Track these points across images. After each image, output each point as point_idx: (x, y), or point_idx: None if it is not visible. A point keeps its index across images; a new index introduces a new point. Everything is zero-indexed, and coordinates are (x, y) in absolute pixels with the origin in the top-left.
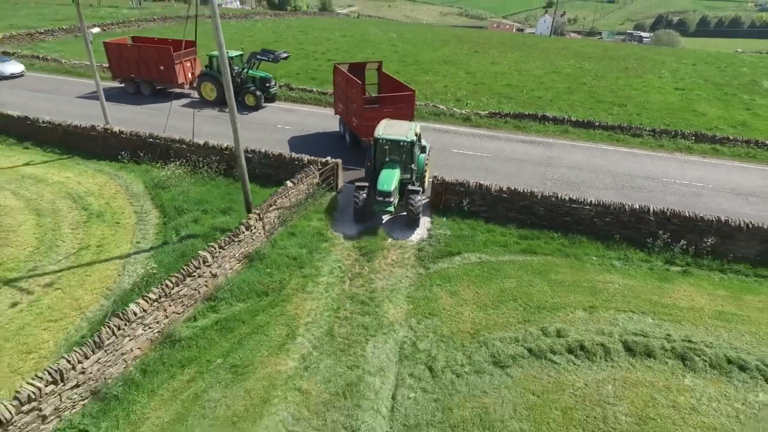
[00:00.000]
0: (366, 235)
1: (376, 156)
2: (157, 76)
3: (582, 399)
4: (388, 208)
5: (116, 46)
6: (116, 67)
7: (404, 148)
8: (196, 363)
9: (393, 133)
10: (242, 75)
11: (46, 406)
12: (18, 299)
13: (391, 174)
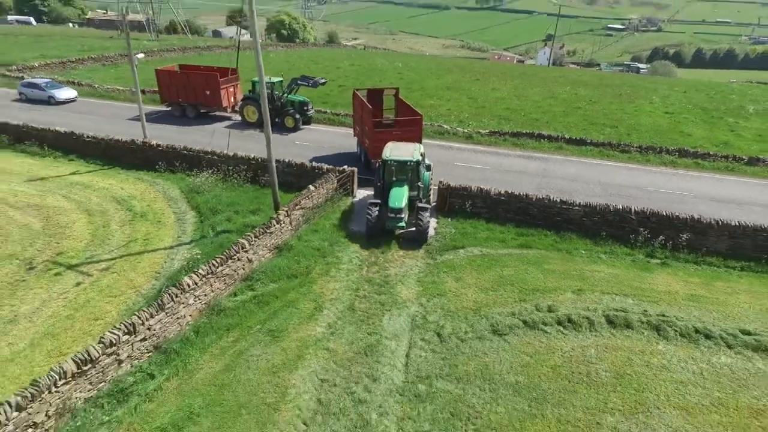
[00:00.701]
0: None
1: (385, 176)
2: (203, 100)
3: (569, 359)
4: (399, 224)
5: (167, 73)
6: (165, 92)
7: (411, 168)
8: (239, 328)
9: (399, 155)
10: (282, 99)
11: (122, 352)
12: (81, 280)
13: (401, 192)
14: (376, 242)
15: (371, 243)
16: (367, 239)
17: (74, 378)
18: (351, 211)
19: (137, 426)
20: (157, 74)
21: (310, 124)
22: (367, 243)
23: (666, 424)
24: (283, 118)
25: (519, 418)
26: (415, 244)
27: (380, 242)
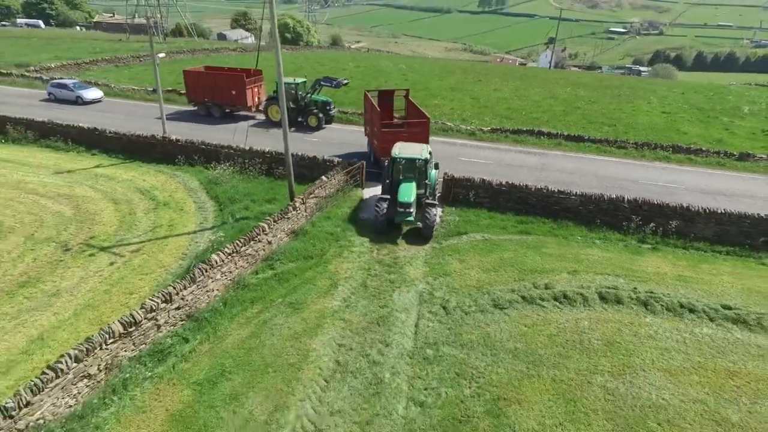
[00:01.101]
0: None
1: (393, 173)
2: (229, 99)
3: (563, 329)
4: (408, 218)
5: (194, 74)
6: (192, 92)
7: (419, 166)
8: (262, 301)
9: (408, 153)
10: (306, 99)
11: (160, 318)
12: (114, 260)
13: (410, 187)
14: (384, 237)
15: (380, 237)
16: (376, 234)
17: (121, 338)
18: (361, 200)
19: (176, 381)
20: (184, 75)
21: (332, 123)
22: (376, 237)
23: (650, 384)
24: (306, 117)
25: (517, 377)
26: (421, 240)
27: (388, 237)
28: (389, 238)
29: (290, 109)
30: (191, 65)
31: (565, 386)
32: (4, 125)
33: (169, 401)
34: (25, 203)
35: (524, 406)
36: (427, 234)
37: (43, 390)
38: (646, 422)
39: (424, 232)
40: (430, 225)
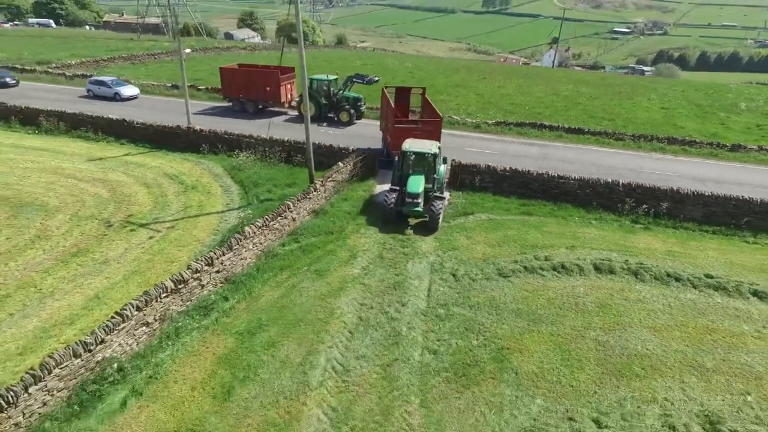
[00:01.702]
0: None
1: (403, 167)
2: (263, 95)
3: (561, 294)
4: (416, 209)
5: (230, 71)
6: (227, 88)
7: (428, 160)
8: (290, 268)
9: (418, 147)
10: (337, 95)
11: (204, 279)
12: (152, 235)
13: (418, 179)
14: (392, 228)
15: (388, 228)
16: (384, 223)
17: (172, 293)
18: (374, 185)
19: (220, 331)
20: (220, 72)
21: (362, 118)
22: (385, 227)
23: (637, 338)
24: (338, 113)
25: (519, 332)
26: (427, 231)
27: (395, 227)
28: (397, 228)
29: (323, 105)
30: (204, 64)
31: (561, 339)
32: (37, 117)
33: (216, 347)
34: (66, 186)
35: (525, 354)
36: (433, 225)
37: (113, 331)
38: (631, 367)
39: (429, 223)
40: (436, 217)
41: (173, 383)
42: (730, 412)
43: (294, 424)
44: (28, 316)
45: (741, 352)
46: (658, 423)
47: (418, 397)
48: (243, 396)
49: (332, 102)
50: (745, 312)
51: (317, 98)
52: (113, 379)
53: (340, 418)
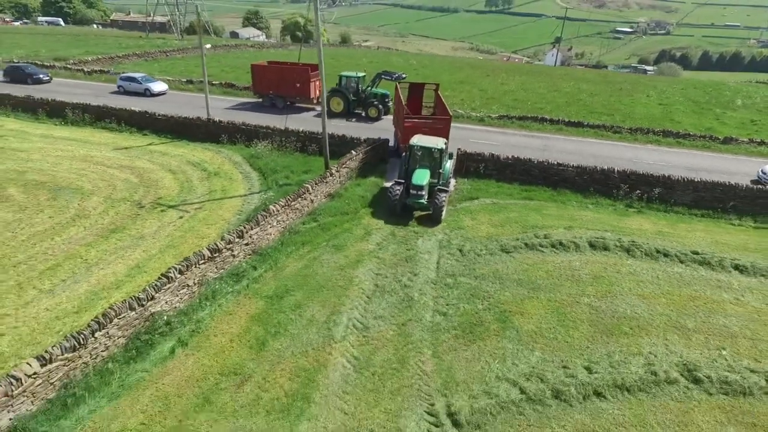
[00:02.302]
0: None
1: (410, 161)
2: (292, 92)
3: (558, 267)
4: (420, 201)
5: (261, 68)
6: (258, 85)
7: (434, 155)
8: (310, 244)
9: (425, 142)
10: (366, 92)
11: (235, 249)
12: (181, 215)
13: (423, 172)
14: (397, 219)
15: (392, 219)
16: (389, 215)
17: (208, 261)
18: (385, 171)
19: (251, 295)
20: (252, 68)
21: (389, 114)
22: (390, 218)
23: (627, 303)
24: (367, 108)
25: (520, 298)
26: (431, 223)
27: (400, 219)
28: (401, 220)
29: (351, 101)
30: (215, 61)
31: (558, 304)
32: (63, 109)
33: (248, 308)
34: (96, 172)
35: (525, 316)
36: (436, 217)
37: (161, 290)
38: (620, 327)
39: (433, 215)
40: (439, 209)
41: (213, 336)
42: (706, 362)
43: (322, 369)
44: (78, 281)
45: (720, 316)
46: (642, 370)
47: (430, 349)
48: (276, 347)
49: (361, 98)
50: (726, 283)
51: (346, 94)
52: (162, 330)
53: (362, 365)
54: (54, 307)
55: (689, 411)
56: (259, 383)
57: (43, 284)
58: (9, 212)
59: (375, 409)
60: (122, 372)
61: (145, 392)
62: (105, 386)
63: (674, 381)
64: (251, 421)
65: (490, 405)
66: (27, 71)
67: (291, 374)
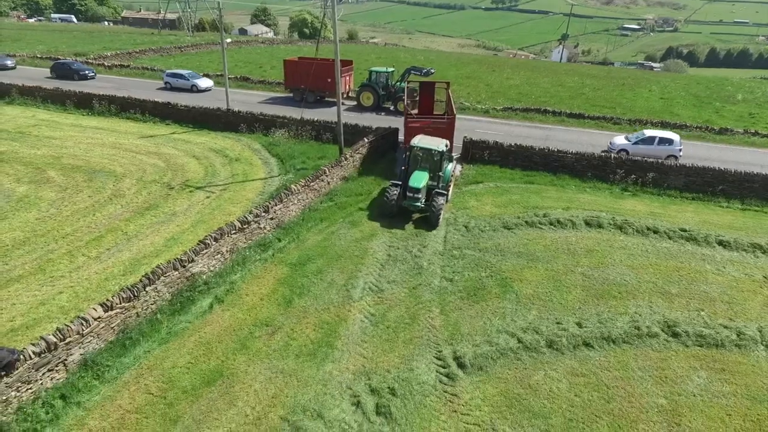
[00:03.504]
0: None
1: (410, 162)
2: (323, 86)
3: (555, 241)
4: (416, 204)
5: (293, 63)
6: (290, 80)
7: (435, 157)
8: (328, 220)
9: (426, 143)
10: (395, 86)
11: (261, 222)
12: (208, 195)
13: (421, 175)
14: (392, 221)
15: (387, 222)
16: (384, 217)
17: (238, 232)
18: (394, 159)
19: (277, 262)
20: (284, 63)
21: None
22: (385, 220)
23: (617, 273)
24: (396, 103)
25: (519, 267)
26: (427, 226)
27: (395, 222)
28: (396, 222)
29: (381, 95)
30: (228, 57)
31: (554, 273)
32: (91, 101)
33: (275, 273)
34: (126, 158)
35: (524, 283)
36: (434, 220)
37: (199, 254)
38: (610, 292)
39: (430, 218)
40: (437, 213)
41: (245, 295)
42: (685, 320)
43: (342, 323)
44: (121, 250)
45: (701, 284)
46: (627, 326)
47: (438, 308)
48: (301, 305)
49: (390, 92)
50: (710, 256)
51: (376, 89)
52: (201, 289)
53: (377, 320)
54: (102, 271)
55: (667, 359)
56: (287, 333)
57: (91, 252)
58: (52, 192)
59: (390, 354)
60: (169, 322)
61: (189, 339)
62: (155, 332)
63: (655, 335)
64: (283, 363)
65: (491, 351)
66: (73, 68)
67: (315, 326)
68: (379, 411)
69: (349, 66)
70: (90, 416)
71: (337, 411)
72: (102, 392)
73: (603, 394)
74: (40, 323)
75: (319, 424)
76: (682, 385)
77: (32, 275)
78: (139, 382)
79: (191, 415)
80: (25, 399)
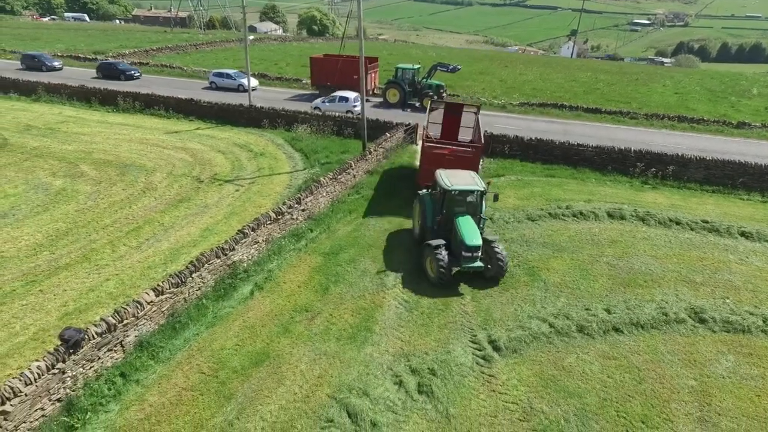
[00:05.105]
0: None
1: (446, 209)
2: (350, 83)
3: (579, 232)
4: (476, 264)
5: (319, 60)
6: (316, 77)
7: (476, 198)
8: (356, 211)
9: (463, 183)
10: (421, 83)
11: (294, 214)
12: (237, 188)
13: (473, 226)
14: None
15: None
16: (435, 286)
17: (273, 222)
18: (415, 152)
19: (310, 252)
20: (311, 61)
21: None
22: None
23: (641, 262)
24: (422, 99)
25: (546, 257)
26: (489, 282)
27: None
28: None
29: (407, 91)
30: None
31: (580, 262)
32: (115, 98)
33: (309, 262)
34: (154, 152)
35: (551, 272)
36: (502, 273)
37: (238, 243)
38: (636, 280)
39: (497, 272)
40: (505, 263)
41: (283, 283)
42: (711, 307)
43: (378, 309)
44: (159, 240)
45: (725, 273)
46: (654, 312)
47: (469, 295)
48: (337, 291)
49: (416, 89)
50: (733, 247)
51: (402, 85)
52: (241, 276)
53: (412, 307)
54: (144, 260)
55: (695, 344)
56: (327, 318)
57: (131, 242)
58: (87, 185)
59: (427, 338)
60: (214, 307)
61: (234, 323)
62: (202, 317)
63: (682, 321)
64: (325, 345)
65: (524, 335)
66: (119, 68)
67: (353, 312)
68: (421, 390)
69: (374, 63)
70: (149, 393)
71: (381, 390)
72: (158, 371)
73: (634, 375)
74: (92, 308)
75: (366, 402)
76: (710, 368)
77: (78, 264)
78: (191, 362)
79: (243, 393)
80: (89, 376)
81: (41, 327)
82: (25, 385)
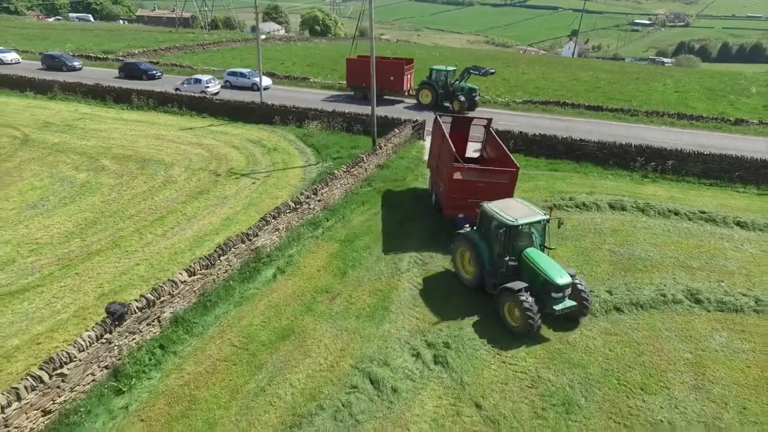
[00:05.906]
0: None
1: (516, 246)
2: (386, 85)
3: (582, 222)
4: (569, 304)
5: (355, 61)
6: (352, 78)
7: (542, 228)
8: (369, 203)
9: (524, 214)
10: (453, 85)
11: (311, 204)
12: (254, 181)
13: (550, 260)
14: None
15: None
16: (525, 334)
17: (292, 211)
18: (423, 148)
19: (327, 238)
20: (347, 62)
21: (474, 109)
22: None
23: (641, 249)
24: (453, 102)
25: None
26: (573, 323)
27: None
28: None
29: (440, 93)
30: (247, 53)
31: (583, 249)
32: (130, 95)
33: (327, 248)
34: (171, 148)
35: (556, 258)
36: (585, 312)
37: (261, 230)
38: (636, 266)
39: (584, 311)
40: (590, 301)
41: (303, 267)
42: (706, 289)
43: (394, 290)
44: (183, 229)
45: (721, 259)
46: (653, 294)
47: None
48: (354, 275)
49: (448, 91)
50: (729, 236)
51: (435, 87)
52: (264, 260)
53: (426, 289)
54: (170, 246)
55: (691, 321)
56: (346, 298)
57: (156, 231)
58: (110, 178)
59: (440, 317)
60: (240, 288)
61: (260, 302)
62: (230, 296)
63: (679, 301)
64: (346, 322)
65: None
66: (141, 68)
67: (370, 293)
68: (437, 361)
69: (410, 64)
70: (186, 363)
71: (400, 360)
72: (193, 344)
73: (634, 349)
74: (126, 289)
75: (386, 371)
76: (705, 342)
77: (109, 249)
78: (222, 336)
79: (273, 363)
80: (132, 347)
81: (81, 306)
82: (79, 352)
